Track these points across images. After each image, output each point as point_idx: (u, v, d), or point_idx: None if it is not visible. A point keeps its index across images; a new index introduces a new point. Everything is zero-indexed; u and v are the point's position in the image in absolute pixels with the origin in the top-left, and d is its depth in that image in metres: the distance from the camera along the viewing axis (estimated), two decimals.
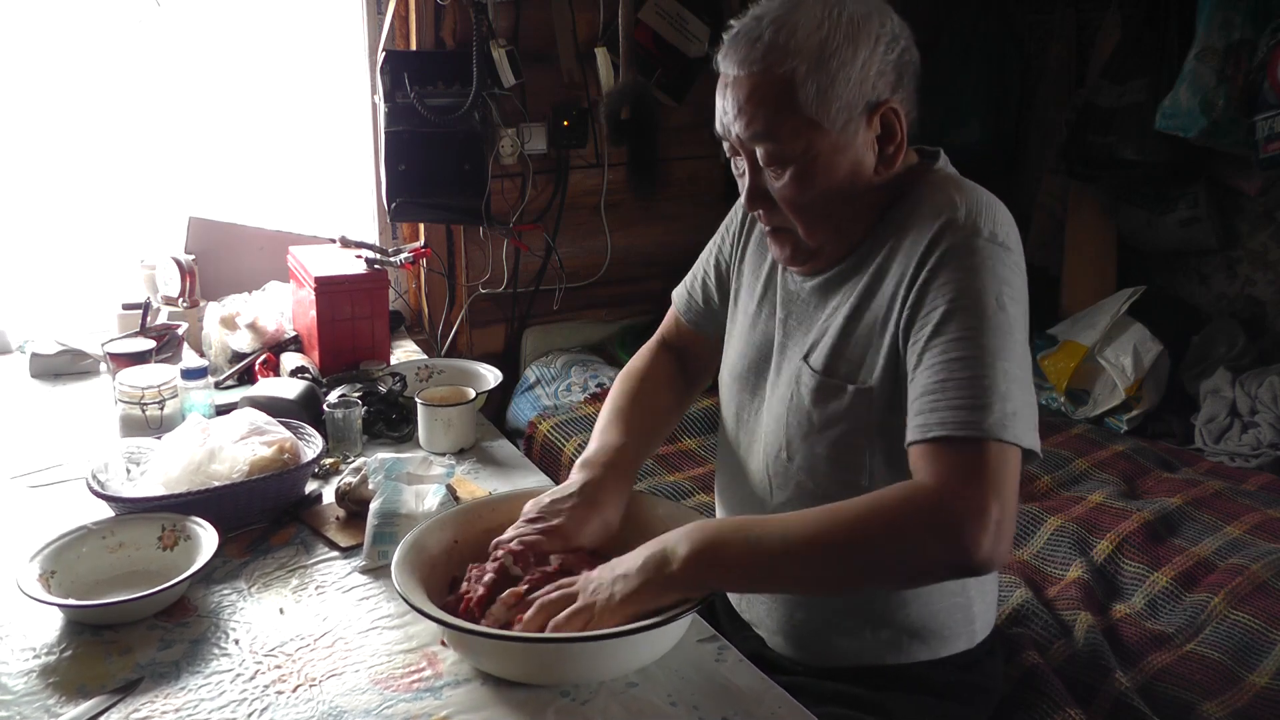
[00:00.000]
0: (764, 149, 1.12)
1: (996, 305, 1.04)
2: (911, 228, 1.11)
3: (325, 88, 2.56)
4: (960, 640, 1.24)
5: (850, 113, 1.10)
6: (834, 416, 1.16)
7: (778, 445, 1.22)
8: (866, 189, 1.15)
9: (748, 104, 1.11)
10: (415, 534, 1.18)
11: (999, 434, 1.00)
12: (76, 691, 1.07)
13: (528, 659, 1.06)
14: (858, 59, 1.08)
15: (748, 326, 1.32)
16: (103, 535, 1.28)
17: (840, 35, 1.08)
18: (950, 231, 1.07)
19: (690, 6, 2.80)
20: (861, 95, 1.09)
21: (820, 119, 1.09)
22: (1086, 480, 2.23)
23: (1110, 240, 2.97)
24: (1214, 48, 2.44)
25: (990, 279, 1.05)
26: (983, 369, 1.02)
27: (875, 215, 1.17)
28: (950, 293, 1.05)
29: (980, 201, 1.11)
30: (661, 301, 1.48)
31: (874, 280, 1.15)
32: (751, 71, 1.10)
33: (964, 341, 1.03)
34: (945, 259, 1.07)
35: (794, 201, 1.14)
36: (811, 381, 1.18)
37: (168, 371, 1.72)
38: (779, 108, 1.09)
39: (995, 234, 1.08)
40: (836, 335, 1.17)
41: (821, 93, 1.08)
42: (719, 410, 1.38)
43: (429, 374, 1.93)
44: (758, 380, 1.29)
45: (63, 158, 2.30)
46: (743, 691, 1.07)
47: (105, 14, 2.26)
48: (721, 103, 1.14)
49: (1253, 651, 1.62)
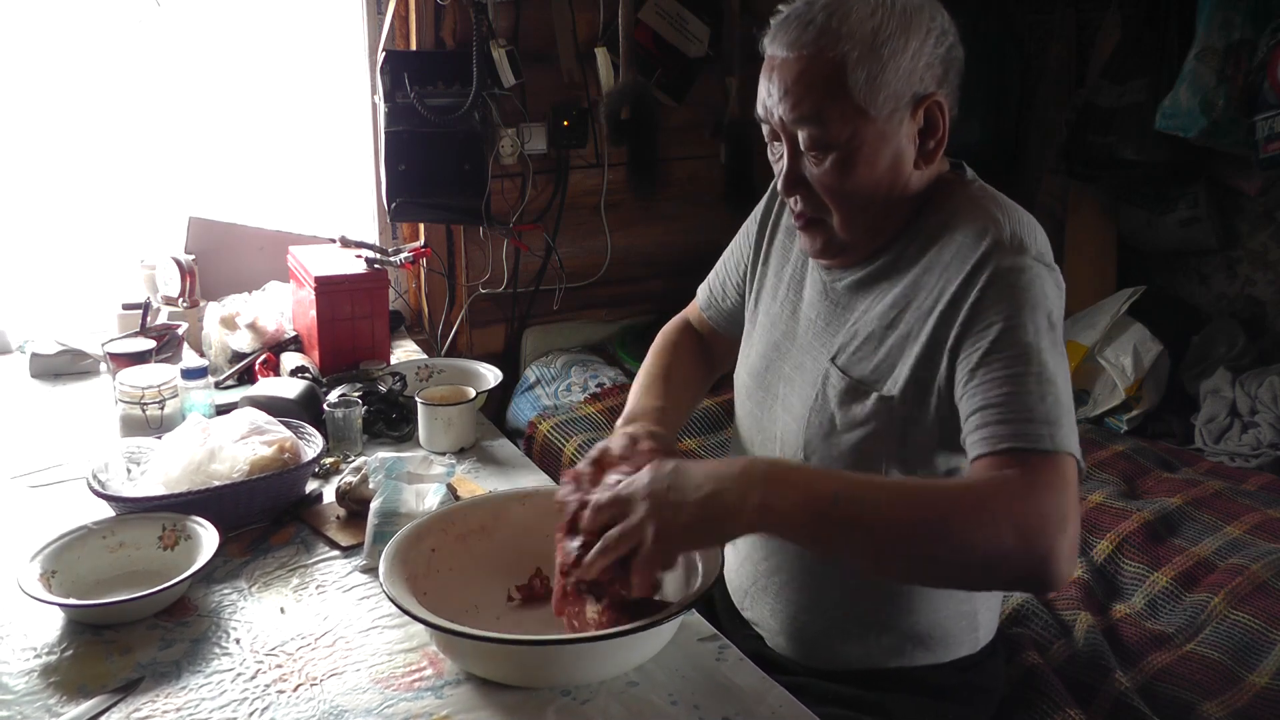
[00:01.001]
0: (808, 133, 1.11)
1: (1049, 324, 1.05)
2: (951, 242, 1.11)
3: (325, 88, 2.55)
4: (964, 646, 1.24)
5: (897, 103, 1.09)
6: (856, 420, 1.16)
7: (796, 445, 1.22)
8: (904, 183, 1.14)
9: (796, 85, 1.09)
10: (399, 539, 1.18)
11: (1070, 448, 1.00)
12: (77, 691, 1.07)
13: (515, 661, 1.05)
14: (909, 49, 1.08)
15: (769, 326, 1.31)
16: (103, 535, 1.28)
17: (894, 24, 1.07)
18: (999, 252, 1.07)
19: (690, 6, 2.79)
20: (909, 86, 1.09)
21: (868, 106, 1.08)
22: (1086, 480, 2.23)
23: (1110, 240, 2.97)
24: (1214, 48, 2.44)
25: (1042, 298, 1.06)
26: (1046, 386, 1.02)
27: (908, 215, 1.16)
28: (1006, 311, 1.05)
29: (1022, 220, 1.12)
30: (662, 301, 1.49)
31: (910, 291, 1.14)
32: (802, 54, 1.08)
33: (1024, 359, 1.03)
34: (997, 279, 1.06)
35: (833, 189, 1.13)
36: (840, 383, 1.17)
37: (168, 371, 1.72)
38: (828, 91, 1.08)
39: (1042, 254, 1.09)
40: (865, 339, 1.17)
41: (871, 80, 1.07)
42: (723, 410, 1.38)
43: (429, 374, 1.93)
44: (775, 379, 1.28)
45: (63, 158, 2.30)
46: (743, 691, 1.07)
47: (105, 14, 2.26)
48: (766, 85, 1.13)
49: (1253, 651, 1.62)
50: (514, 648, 1.03)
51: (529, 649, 1.03)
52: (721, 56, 2.86)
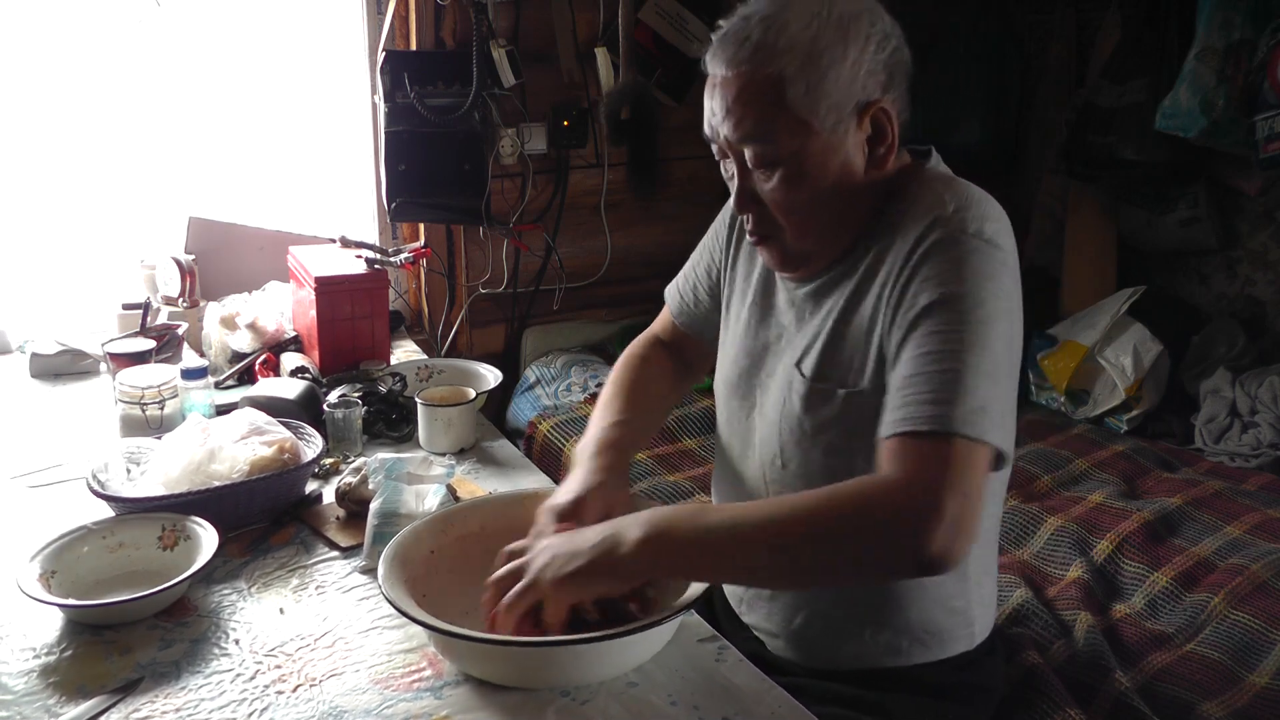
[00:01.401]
0: (753, 150, 1.11)
1: (974, 301, 1.03)
2: (900, 229, 1.10)
3: (325, 88, 2.56)
4: (960, 642, 1.24)
5: (840, 113, 1.08)
6: (826, 422, 1.15)
7: (772, 452, 1.22)
8: (856, 191, 1.13)
9: (736, 104, 1.09)
10: (398, 541, 1.18)
11: (962, 429, 0.97)
12: (76, 691, 1.07)
13: (512, 663, 1.05)
14: (848, 58, 1.07)
15: (740, 333, 1.31)
16: (103, 535, 1.28)
17: (831, 33, 1.06)
18: (936, 228, 1.06)
19: (690, 6, 2.80)
20: (851, 95, 1.08)
21: (810, 119, 1.08)
22: (1086, 480, 2.23)
23: (1110, 240, 2.97)
24: (1214, 48, 2.44)
25: (970, 275, 1.03)
26: (954, 363, 1.00)
27: (866, 217, 1.15)
28: (930, 288, 1.04)
29: (969, 198, 1.09)
30: (661, 302, 1.48)
31: (863, 282, 1.13)
32: (740, 70, 1.08)
33: (937, 336, 1.02)
34: (929, 255, 1.06)
35: (783, 203, 1.13)
36: (803, 388, 1.17)
37: (168, 371, 1.72)
38: (768, 107, 1.08)
39: (982, 230, 1.06)
40: (827, 340, 1.16)
41: (811, 92, 1.06)
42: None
43: (429, 374, 1.93)
44: (750, 387, 1.28)
45: (63, 158, 2.30)
46: (743, 691, 1.07)
47: (105, 14, 2.26)
48: (710, 104, 1.13)
49: (1253, 651, 1.63)
50: (513, 649, 1.03)
51: (527, 650, 1.03)
52: None
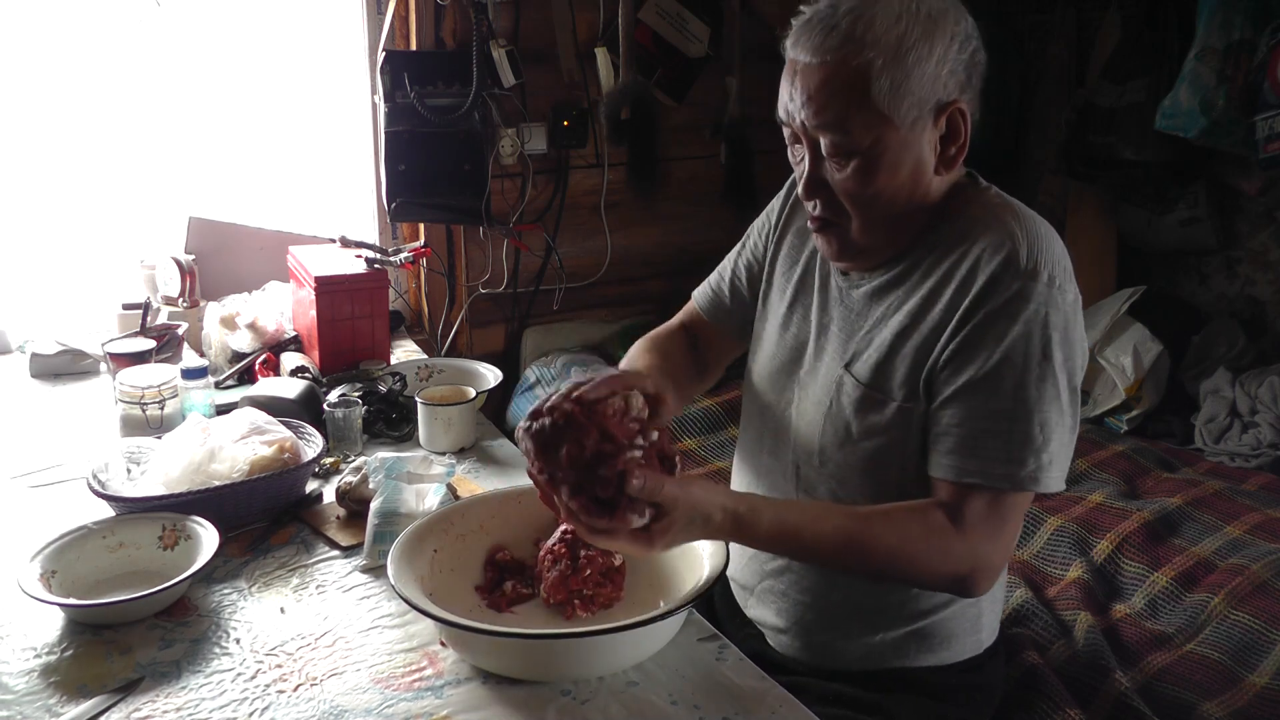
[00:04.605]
0: (830, 139, 1.10)
1: (1043, 355, 1.06)
2: (968, 256, 1.11)
3: (325, 88, 2.56)
4: (967, 647, 1.24)
5: (920, 110, 1.08)
6: (874, 429, 1.16)
7: (809, 451, 1.22)
8: (924, 190, 1.14)
9: (819, 93, 1.08)
10: (408, 534, 1.19)
11: (1029, 485, 1.07)
12: (77, 691, 1.07)
13: (523, 655, 1.07)
14: (933, 56, 1.07)
15: (778, 328, 1.31)
16: (103, 535, 1.28)
17: (918, 30, 1.06)
18: (1009, 274, 1.07)
19: (690, 6, 2.80)
20: (933, 93, 1.08)
21: (891, 114, 1.07)
22: (1086, 480, 2.23)
23: (1110, 240, 2.97)
24: (1214, 48, 2.44)
25: (1039, 329, 1.07)
26: (1022, 423, 1.06)
27: (924, 222, 1.16)
28: (999, 341, 1.07)
29: (1039, 235, 1.10)
30: (662, 301, 1.49)
31: (927, 302, 1.13)
32: (825, 60, 1.07)
33: (1005, 395, 1.07)
34: (1001, 304, 1.07)
35: (854, 194, 1.12)
36: (855, 392, 1.17)
37: (168, 371, 1.72)
38: (851, 99, 1.07)
39: (1054, 276, 1.08)
40: (884, 349, 1.16)
41: (895, 88, 1.06)
42: (723, 411, 1.38)
43: (429, 373, 1.93)
44: (787, 382, 1.27)
45: (63, 157, 2.30)
46: (743, 690, 1.07)
47: (105, 14, 2.26)
48: (789, 88, 1.12)
49: (1253, 651, 1.62)
50: (529, 642, 1.05)
51: (543, 643, 1.05)
52: (721, 56, 2.86)
